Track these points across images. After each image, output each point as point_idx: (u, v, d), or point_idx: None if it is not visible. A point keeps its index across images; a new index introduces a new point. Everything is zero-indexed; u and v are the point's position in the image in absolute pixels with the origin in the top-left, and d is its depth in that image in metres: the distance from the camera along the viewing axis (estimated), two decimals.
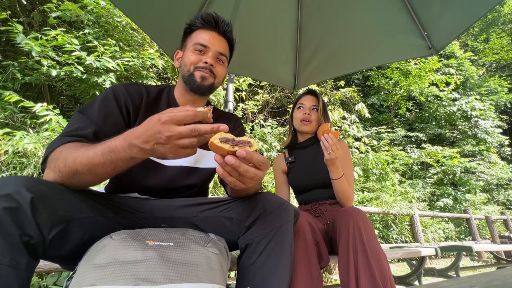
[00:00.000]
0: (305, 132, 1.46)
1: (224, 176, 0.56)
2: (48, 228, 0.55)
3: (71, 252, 0.62)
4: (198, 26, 0.92)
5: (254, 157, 0.55)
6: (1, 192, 0.50)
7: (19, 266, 0.50)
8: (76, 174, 0.59)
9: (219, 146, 0.54)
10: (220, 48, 0.92)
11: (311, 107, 1.43)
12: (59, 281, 2.00)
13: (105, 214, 0.70)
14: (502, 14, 15.20)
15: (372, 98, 10.11)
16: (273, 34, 1.79)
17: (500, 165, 9.96)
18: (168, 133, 0.53)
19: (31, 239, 0.52)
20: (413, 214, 5.14)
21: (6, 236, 0.49)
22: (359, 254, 0.91)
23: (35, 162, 2.64)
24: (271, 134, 5.47)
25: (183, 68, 0.91)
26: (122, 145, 0.57)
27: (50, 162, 0.62)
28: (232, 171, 0.56)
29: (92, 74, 3.55)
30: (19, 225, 0.50)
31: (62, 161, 0.60)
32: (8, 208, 0.49)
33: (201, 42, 0.89)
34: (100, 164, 0.58)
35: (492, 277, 0.21)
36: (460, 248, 2.21)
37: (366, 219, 1.00)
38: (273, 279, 0.68)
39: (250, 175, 0.56)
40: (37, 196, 0.53)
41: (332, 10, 1.65)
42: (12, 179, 0.53)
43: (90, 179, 0.62)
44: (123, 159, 0.58)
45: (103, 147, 0.58)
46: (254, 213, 0.73)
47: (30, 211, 0.51)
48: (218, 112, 1.06)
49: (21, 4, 4.10)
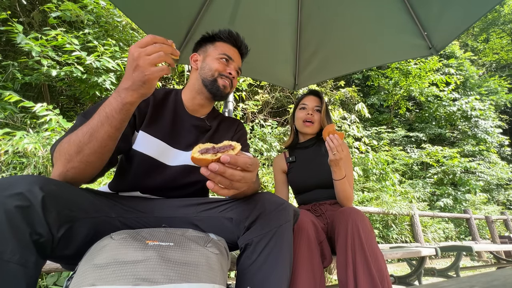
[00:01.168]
0: (307, 133, 1.46)
1: (216, 190, 0.56)
2: (57, 227, 0.56)
3: (75, 252, 0.62)
4: (222, 39, 1.00)
5: (239, 160, 0.55)
6: (14, 191, 0.50)
7: (27, 264, 0.50)
8: (81, 147, 0.61)
9: (201, 158, 0.55)
10: (239, 63, 1.03)
11: (314, 108, 1.43)
12: (59, 281, 2.00)
13: (108, 215, 0.71)
14: (502, 14, 15.20)
15: (372, 98, 10.11)
16: (273, 34, 1.79)
17: (500, 165, 9.96)
18: (136, 53, 0.60)
19: (40, 237, 0.52)
20: (413, 214, 5.14)
21: (16, 234, 0.49)
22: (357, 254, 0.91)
23: (35, 162, 2.64)
24: (271, 134, 5.48)
25: (206, 72, 0.95)
26: (113, 96, 0.63)
27: (56, 154, 0.64)
28: (222, 180, 0.55)
29: (92, 74, 3.55)
30: (29, 223, 0.51)
31: (66, 141, 0.63)
32: (19, 206, 0.50)
33: (228, 54, 0.98)
34: (99, 125, 0.61)
35: (492, 277, 0.21)
36: (460, 248, 2.21)
37: (364, 219, 1.00)
38: (273, 279, 0.68)
39: (237, 178, 0.55)
40: (47, 195, 0.54)
41: (332, 10, 1.65)
42: (24, 177, 0.54)
43: (93, 148, 0.62)
44: (116, 109, 0.62)
45: (99, 109, 0.63)
46: (254, 213, 0.73)
47: (41, 210, 0.52)
48: (221, 116, 1.08)
49: (21, 4, 4.10)
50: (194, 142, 0.94)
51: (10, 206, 0.49)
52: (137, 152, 0.84)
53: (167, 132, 0.90)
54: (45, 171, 2.66)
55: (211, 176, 0.55)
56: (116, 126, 0.63)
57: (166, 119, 0.91)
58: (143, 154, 0.84)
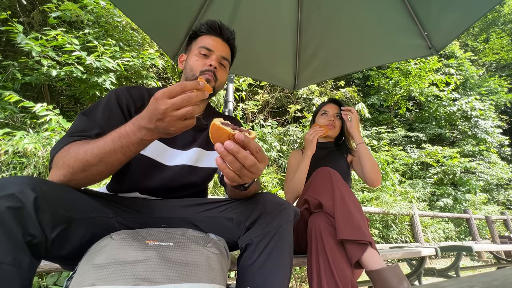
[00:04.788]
0: (327, 136, 1.55)
1: (223, 167, 0.56)
2: (51, 227, 0.55)
3: (72, 252, 0.62)
4: (204, 32, 0.96)
5: (251, 142, 0.55)
6: (5, 192, 0.50)
7: (21, 265, 0.50)
8: (88, 166, 0.60)
9: (220, 127, 0.55)
10: (224, 53, 0.96)
11: (334, 114, 1.54)
12: (59, 281, 2.00)
13: (106, 215, 0.70)
14: (502, 14, 15.19)
15: (372, 98, 10.10)
16: (273, 34, 1.79)
17: (500, 165, 9.95)
18: (163, 106, 0.56)
19: (33, 238, 0.52)
20: (413, 214, 5.14)
21: (9, 235, 0.49)
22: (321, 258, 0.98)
23: (35, 162, 2.64)
24: (271, 134, 5.48)
25: (188, 72, 0.93)
26: (132, 129, 0.61)
27: (58, 160, 0.63)
28: (233, 161, 0.55)
29: (92, 74, 3.55)
30: (22, 224, 0.51)
31: (72, 156, 0.61)
32: (11, 207, 0.50)
33: (206, 46, 0.93)
34: (112, 151, 0.60)
35: (492, 277, 0.21)
36: (460, 248, 2.21)
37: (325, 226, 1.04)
38: (273, 279, 0.68)
39: (248, 162, 0.55)
40: (40, 196, 0.53)
41: (332, 10, 1.65)
42: (16, 179, 0.54)
43: (101, 170, 0.62)
44: (134, 143, 0.61)
45: (113, 135, 0.61)
46: (254, 213, 0.73)
47: (33, 210, 0.52)
48: (218, 114, 1.08)
49: (21, 4, 4.10)
50: (191, 142, 0.93)
51: (2, 207, 0.49)
52: None
53: None
54: (45, 171, 2.66)
55: (223, 154, 0.54)
56: (129, 156, 0.63)
57: None
58: (140, 155, 0.83)
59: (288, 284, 0.71)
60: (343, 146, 1.57)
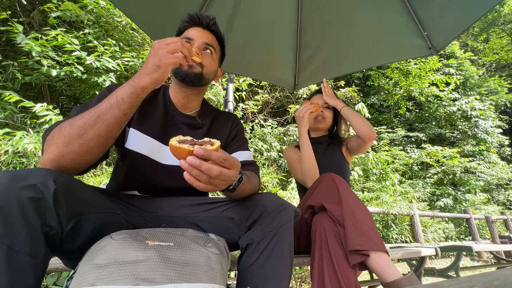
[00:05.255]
0: (319, 129, 1.53)
1: (191, 181, 0.56)
2: (66, 220, 0.57)
3: (80, 247, 0.63)
4: (186, 26, 0.96)
5: (212, 154, 0.55)
6: (27, 183, 0.51)
7: (37, 256, 0.51)
8: (85, 129, 0.60)
9: (177, 147, 0.55)
10: (206, 39, 0.93)
11: (323, 105, 1.51)
12: (59, 281, 2.00)
13: (114, 211, 0.72)
14: (502, 14, 15.19)
15: (372, 98, 10.10)
16: (273, 34, 1.79)
17: (500, 165, 9.95)
18: (157, 44, 0.66)
19: (51, 229, 0.53)
20: (413, 214, 5.14)
21: (28, 225, 0.50)
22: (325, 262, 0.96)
23: (35, 162, 2.64)
24: (271, 134, 5.48)
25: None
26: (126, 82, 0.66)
27: (51, 137, 0.62)
28: (199, 174, 0.55)
29: (92, 74, 3.55)
30: (41, 215, 0.52)
31: (68, 124, 0.61)
32: (32, 198, 0.51)
33: (187, 36, 0.92)
34: (108, 107, 0.62)
35: (492, 277, 0.21)
36: (460, 248, 2.21)
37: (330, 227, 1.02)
38: (273, 279, 0.68)
39: (214, 173, 0.55)
40: (59, 188, 0.54)
41: (332, 10, 1.65)
42: (38, 170, 0.54)
43: (98, 132, 0.61)
44: (127, 93, 0.63)
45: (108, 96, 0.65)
46: (255, 213, 0.73)
47: (52, 202, 0.53)
48: (215, 112, 1.05)
49: (21, 4, 4.10)
50: None
51: (24, 198, 0.50)
52: (130, 150, 0.83)
53: (158, 129, 0.88)
54: None
55: (188, 169, 0.55)
56: (124, 110, 0.63)
57: (157, 116, 0.90)
58: (136, 153, 0.83)
59: (289, 284, 0.71)
60: (336, 138, 1.54)
